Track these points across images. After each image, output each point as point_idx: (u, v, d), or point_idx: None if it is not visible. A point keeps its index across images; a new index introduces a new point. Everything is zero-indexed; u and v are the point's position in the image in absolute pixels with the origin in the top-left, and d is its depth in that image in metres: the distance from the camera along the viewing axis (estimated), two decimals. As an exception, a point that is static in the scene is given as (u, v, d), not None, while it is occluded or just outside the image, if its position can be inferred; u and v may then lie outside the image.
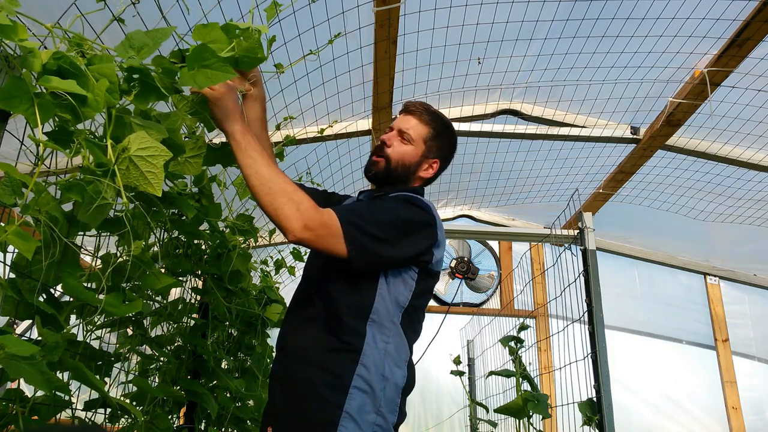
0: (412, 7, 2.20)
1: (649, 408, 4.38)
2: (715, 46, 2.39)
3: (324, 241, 1.23)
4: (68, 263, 0.99)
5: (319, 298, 1.38)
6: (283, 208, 1.18)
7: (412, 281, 1.39)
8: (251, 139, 1.21)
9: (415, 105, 1.56)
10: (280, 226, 1.21)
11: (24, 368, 0.74)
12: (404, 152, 1.51)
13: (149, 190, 0.88)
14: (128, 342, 1.44)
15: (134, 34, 0.96)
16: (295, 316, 1.43)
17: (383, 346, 1.31)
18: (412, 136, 1.51)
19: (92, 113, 0.85)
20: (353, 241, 1.25)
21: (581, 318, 2.14)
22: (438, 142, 1.55)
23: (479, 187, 3.84)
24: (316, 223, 1.21)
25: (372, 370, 1.27)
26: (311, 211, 1.21)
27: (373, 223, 1.29)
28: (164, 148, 0.89)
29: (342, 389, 1.24)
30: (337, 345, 1.30)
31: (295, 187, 1.23)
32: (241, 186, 1.74)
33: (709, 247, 4.46)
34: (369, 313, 1.32)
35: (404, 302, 1.37)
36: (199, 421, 1.71)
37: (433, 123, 1.55)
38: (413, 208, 1.38)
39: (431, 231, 1.39)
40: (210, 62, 0.99)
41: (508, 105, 3.07)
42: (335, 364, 1.28)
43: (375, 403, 1.26)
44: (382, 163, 1.51)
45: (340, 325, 1.31)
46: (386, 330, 1.33)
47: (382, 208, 1.36)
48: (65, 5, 1.29)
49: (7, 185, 0.80)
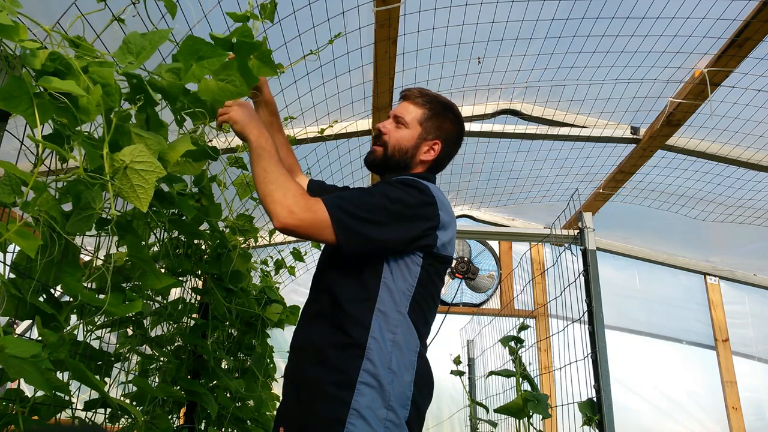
0: (412, 7, 2.20)
1: (649, 408, 4.38)
2: (715, 46, 2.39)
3: (310, 228, 1.23)
4: (68, 263, 0.99)
5: (325, 293, 1.36)
6: (273, 194, 1.22)
7: (417, 267, 1.34)
8: (264, 142, 1.28)
9: (410, 90, 1.54)
10: (267, 212, 1.24)
11: (24, 368, 0.74)
12: (400, 137, 1.49)
13: (136, 204, 0.88)
14: (128, 342, 1.44)
15: (132, 38, 0.96)
16: (305, 314, 1.42)
17: (390, 337, 1.27)
18: (407, 120, 1.49)
19: (87, 118, 0.85)
20: (340, 224, 1.23)
21: (581, 318, 2.14)
22: (436, 122, 1.51)
23: (479, 187, 3.84)
24: (300, 208, 1.21)
25: (378, 364, 1.24)
26: (297, 197, 1.22)
27: (360, 205, 1.27)
28: (159, 165, 0.89)
29: (348, 386, 1.22)
30: (341, 340, 1.27)
31: (290, 178, 1.25)
32: (241, 186, 1.75)
33: (709, 247, 4.46)
34: (374, 304, 1.29)
35: (410, 290, 1.32)
36: (199, 421, 1.71)
37: (428, 104, 1.51)
38: (407, 188, 1.33)
39: (430, 211, 1.34)
40: (203, 52, 0.99)
41: (508, 105, 3.07)
42: (340, 360, 1.25)
43: (384, 398, 1.22)
44: (380, 150, 1.50)
45: (345, 319, 1.28)
46: (392, 321, 1.29)
47: (371, 191, 1.33)
48: (65, 5, 1.29)
49: (7, 184, 0.80)
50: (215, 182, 1.64)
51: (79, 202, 0.90)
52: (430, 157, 1.51)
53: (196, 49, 0.99)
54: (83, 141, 0.88)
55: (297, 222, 1.21)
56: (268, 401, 2.13)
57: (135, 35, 0.97)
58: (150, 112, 1.08)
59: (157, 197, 1.28)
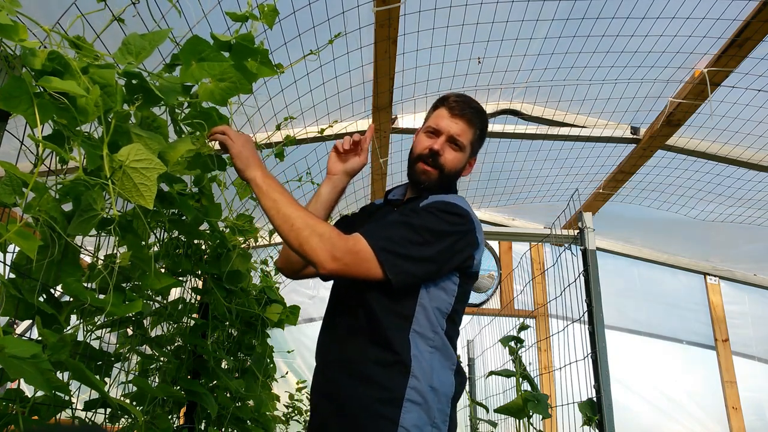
0: (412, 7, 2.20)
1: (649, 408, 4.38)
2: (715, 46, 2.39)
3: (355, 269, 1.20)
4: (68, 263, 0.99)
5: (360, 308, 1.32)
6: (309, 241, 1.17)
7: (454, 286, 1.33)
8: (272, 182, 1.24)
9: (463, 107, 1.43)
10: (309, 261, 1.19)
11: (24, 368, 0.74)
12: (457, 161, 1.44)
13: (140, 202, 0.88)
14: (128, 342, 1.43)
15: (131, 38, 0.96)
16: (334, 326, 1.38)
17: (428, 356, 1.26)
18: (463, 143, 1.43)
19: (86, 118, 0.85)
20: (392, 267, 1.21)
21: (581, 318, 2.14)
22: (481, 141, 1.49)
23: (479, 187, 3.84)
24: (342, 251, 1.18)
25: (422, 381, 1.22)
26: (335, 240, 1.18)
27: (406, 245, 1.24)
28: (159, 161, 0.88)
29: (395, 403, 1.19)
30: (384, 357, 1.24)
31: (317, 220, 1.21)
32: (241, 186, 1.74)
33: (709, 247, 4.46)
34: (410, 324, 1.27)
35: (447, 309, 1.32)
36: (199, 421, 1.71)
37: (479, 123, 1.45)
38: (449, 216, 1.31)
39: (471, 238, 1.33)
40: (205, 53, 0.99)
41: (508, 105, 3.07)
42: (385, 377, 1.22)
43: (430, 415, 1.21)
44: (435, 174, 1.42)
45: (385, 337, 1.25)
46: (428, 341, 1.27)
47: (415, 225, 1.28)
48: (65, 5, 1.29)
49: (8, 184, 0.80)
50: (215, 182, 1.64)
51: (80, 204, 0.90)
52: (468, 173, 1.50)
53: (199, 50, 0.99)
54: (83, 141, 0.87)
55: (342, 267, 1.18)
56: (268, 401, 2.12)
57: (134, 36, 0.97)
58: (149, 113, 1.08)
59: (158, 197, 1.28)
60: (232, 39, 1.05)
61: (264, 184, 1.23)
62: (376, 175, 3.38)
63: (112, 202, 0.86)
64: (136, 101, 0.97)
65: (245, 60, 1.08)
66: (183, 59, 1.00)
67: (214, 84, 1.06)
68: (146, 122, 1.08)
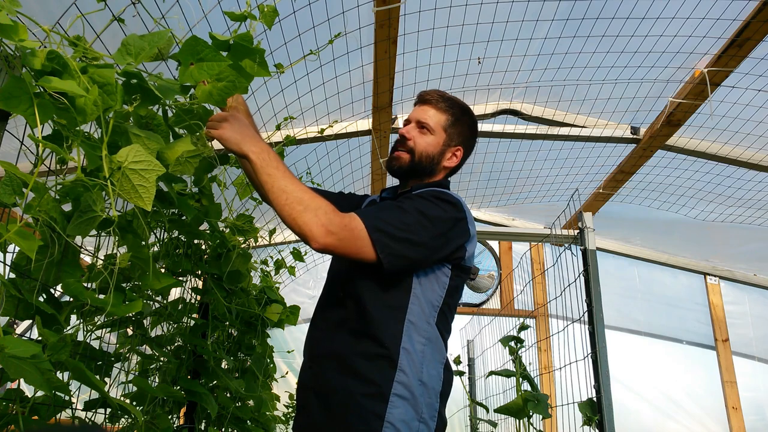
0: (412, 7, 2.20)
1: (649, 408, 4.38)
2: (715, 46, 2.39)
3: (349, 246, 1.19)
4: (68, 263, 0.99)
5: (349, 299, 1.32)
6: (302, 215, 1.15)
7: (445, 278, 1.34)
8: (266, 156, 1.20)
9: (429, 93, 1.50)
10: (301, 236, 1.17)
11: (24, 368, 0.74)
12: (427, 143, 1.45)
13: (139, 203, 0.87)
14: (128, 342, 1.43)
15: (130, 39, 0.96)
16: (324, 320, 1.37)
17: (420, 349, 1.25)
18: (431, 126, 1.46)
19: (84, 119, 0.84)
20: (384, 247, 1.20)
21: (581, 318, 2.14)
22: (458, 128, 1.49)
23: (479, 187, 3.84)
24: (337, 227, 1.17)
25: (410, 375, 1.22)
26: (331, 215, 1.17)
27: (399, 225, 1.24)
28: (158, 163, 0.88)
29: (382, 398, 1.19)
30: (372, 350, 1.24)
31: (313, 194, 1.19)
32: (241, 186, 1.75)
33: (709, 247, 4.46)
34: (405, 315, 1.27)
35: (438, 301, 1.32)
36: (199, 421, 1.71)
37: (450, 109, 1.49)
38: (442, 203, 1.32)
39: (462, 227, 1.34)
40: (204, 53, 0.99)
41: (508, 105, 3.07)
42: (372, 371, 1.22)
43: (417, 410, 1.21)
44: (406, 157, 1.46)
45: (374, 329, 1.25)
46: (422, 331, 1.27)
47: (408, 209, 1.29)
48: (65, 5, 1.29)
49: (8, 184, 0.80)
50: (215, 182, 1.64)
51: (80, 205, 0.90)
52: (453, 164, 1.50)
53: (198, 50, 0.99)
54: (82, 142, 0.87)
55: (336, 241, 1.17)
56: (268, 401, 2.12)
57: (134, 37, 0.97)
58: (148, 112, 1.08)
59: (157, 197, 1.28)
60: (230, 39, 1.04)
61: (258, 160, 1.19)
62: (376, 175, 3.38)
63: (111, 203, 0.86)
64: (135, 101, 0.97)
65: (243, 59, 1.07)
66: (182, 59, 1.00)
67: (211, 84, 1.06)
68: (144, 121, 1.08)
